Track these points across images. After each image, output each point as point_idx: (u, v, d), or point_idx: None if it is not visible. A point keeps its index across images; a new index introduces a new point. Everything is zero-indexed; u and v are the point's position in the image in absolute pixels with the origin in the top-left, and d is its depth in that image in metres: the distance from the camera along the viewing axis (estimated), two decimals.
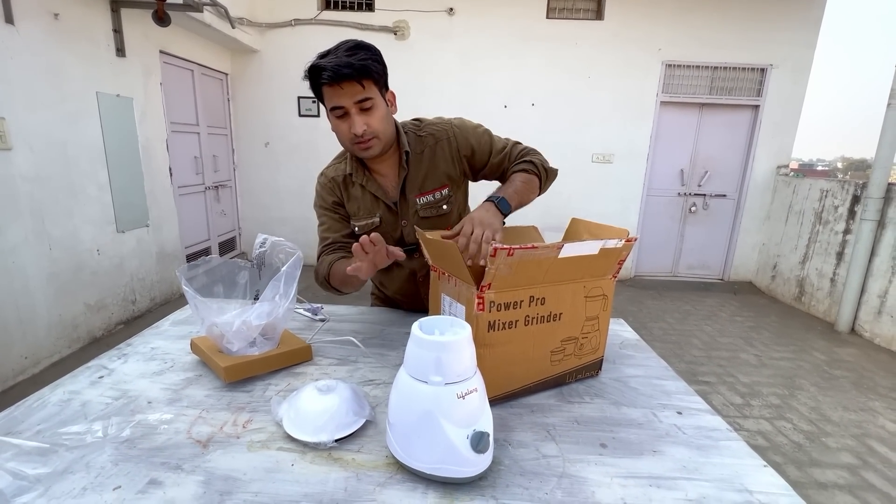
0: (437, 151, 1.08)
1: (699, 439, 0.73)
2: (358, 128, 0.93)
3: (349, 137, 0.96)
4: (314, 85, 0.94)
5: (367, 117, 0.94)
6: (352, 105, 0.92)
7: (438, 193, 1.09)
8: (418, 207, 1.08)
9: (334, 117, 0.95)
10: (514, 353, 0.78)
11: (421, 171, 1.07)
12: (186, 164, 3.90)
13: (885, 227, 3.44)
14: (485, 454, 0.59)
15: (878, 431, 2.27)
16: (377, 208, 1.09)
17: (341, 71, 0.88)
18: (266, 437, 0.69)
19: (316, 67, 0.91)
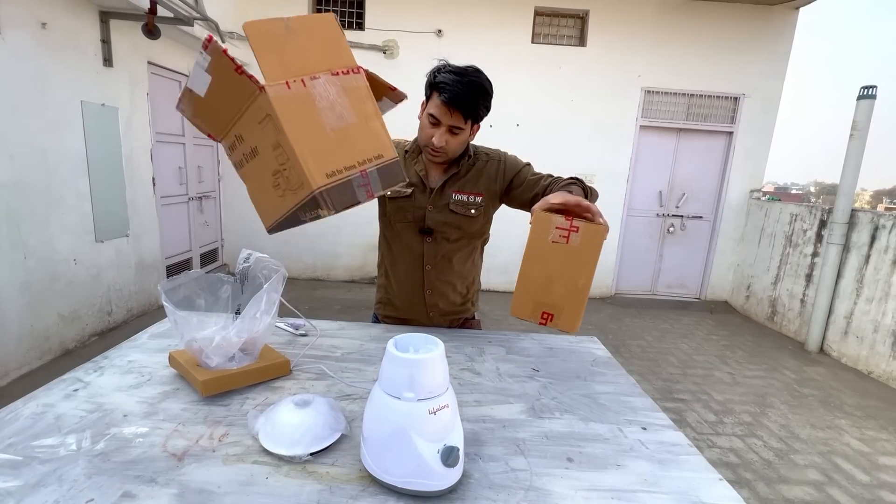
0: (487, 167, 1.23)
1: (661, 454, 0.76)
2: (439, 141, 1.09)
3: (427, 141, 1.11)
4: (430, 87, 1.08)
5: (451, 137, 1.10)
6: (446, 124, 1.08)
7: (473, 198, 1.22)
8: (450, 201, 1.20)
9: (427, 120, 1.10)
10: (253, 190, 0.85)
11: (467, 175, 1.22)
12: (170, 174, 3.88)
13: (850, 251, 3.60)
14: (455, 468, 0.62)
15: (843, 449, 2.35)
16: (414, 185, 1.21)
17: (457, 102, 1.04)
18: (242, 450, 0.70)
19: (442, 84, 1.04)
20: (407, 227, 1.23)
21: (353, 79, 0.79)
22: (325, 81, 0.75)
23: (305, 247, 4.92)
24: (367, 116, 0.78)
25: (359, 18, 4.58)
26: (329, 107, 0.74)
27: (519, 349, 1.17)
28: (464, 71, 1.07)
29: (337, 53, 0.79)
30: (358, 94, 0.78)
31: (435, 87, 1.06)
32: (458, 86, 1.03)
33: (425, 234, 1.21)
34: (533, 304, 0.87)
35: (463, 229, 1.22)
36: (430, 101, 1.09)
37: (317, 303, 4.23)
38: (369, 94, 0.80)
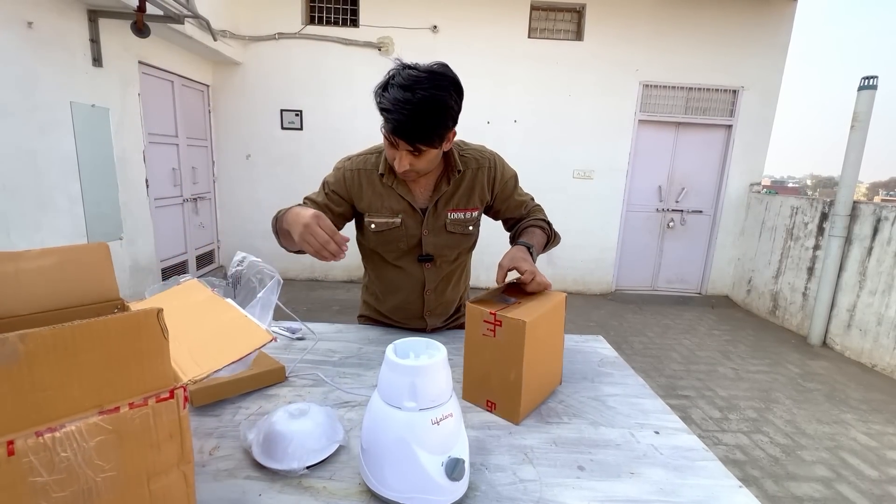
0: (478, 175, 1.12)
1: (676, 460, 0.72)
2: (401, 167, 0.95)
3: (391, 162, 0.99)
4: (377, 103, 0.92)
5: (414, 159, 0.95)
6: (404, 149, 0.93)
7: (469, 214, 1.13)
8: (447, 221, 1.11)
9: (387, 141, 0.95)
10: None
11: (459, 189, 1.11)
12: (164, 175, 3.83)
13: (852, 244, 3.57)
14: (460, 481, 0.58)
15: (850, 444, 2.32)
16: (401, 210, 1.08)
17: (403, 132, 0.89)
18: (233, 464, 0.66)
19: (385, 109, 0.88)
20: (402, 256, 1.13)
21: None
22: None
23: None
24: None
25: (353, 15, 4.52)
26: None
27: None
28: (412, 85, 0.86)
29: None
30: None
31: (380, 111, 0.90)
32: (401, 113, 0.86)
33: (425, 261, 1.12)
34: (477, 393, 0.85)
35: (461, 247, 1.16)
36: (384, 122, 0.91)
37: (315, 304, 4.18)
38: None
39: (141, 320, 0.44)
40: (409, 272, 1.15)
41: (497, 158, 1.16)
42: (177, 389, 0.46)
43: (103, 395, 0.42)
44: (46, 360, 0.38)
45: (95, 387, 0.42)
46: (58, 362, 0.39)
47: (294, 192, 4.75)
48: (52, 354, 0.39)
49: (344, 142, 4.58)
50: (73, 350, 0.40)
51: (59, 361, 0.39)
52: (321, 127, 4.63)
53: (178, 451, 0.47)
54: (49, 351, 0.38)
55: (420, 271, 1.15)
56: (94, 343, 0.41)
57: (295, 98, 4.59)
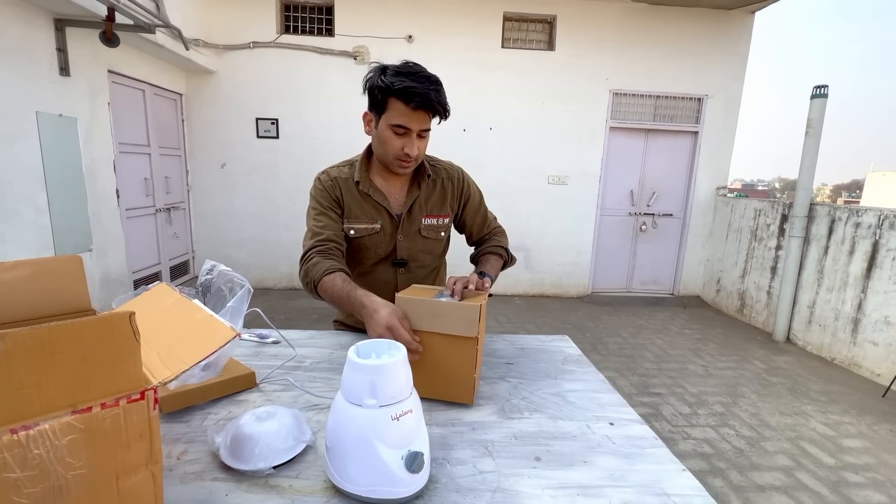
0: (447, 185, 1.20)
1: (627, 448, 0.77)
2: (414, 150, 1.03)
3: (397, 153, 1.04)
4: (385, 94, 0.98)
5: (420, 143, 1.05)
6: (417, 130, 1.02)
7: (442, 220, 1.19)
8: (422, 227, 1.17)
9: (391, 131, 1.02)
10: None
11: (431, 196, 1.18)
12: (136, 185, 3.76)
13: (810, 244, 3.76)
14: (419, 473, 0.61)
15: (810, 434, 2.44)
16: (379, 216, 1.14)
17: (433, 105, 0.98)
18: (201, 467, 0.67)
19: (407, 90, 0.96)
20: (378, 261, 1.17)
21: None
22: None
23: (281, 256, 4.84)
24: None
25: (328, 24, 4.55)
26: None
27: (491, 351, 1.17)
28: (414, 69, 0.99)
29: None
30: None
31: (397, 94, 0.97)
32: (425, 87, 0.96)
33: (399, 265, 1.17)
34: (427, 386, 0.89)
35: (434, 253, 1.22)
36: (392, 111, 0.99)
37: (293, 312, 4.15)
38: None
39: (114, 323, 0.46)
40: (381, 277, 1.18)
41: (463, 173, 1.24)
42: (147, 391, 0.49)
43: (77, 394, 0.44)
44: (24, 359, 0.40)
45: (69, 387, 0.44)
46: (34, 362, 0.41)
47: (270, 200, 4.73)
48: (29, 354, 0.41)
49: (321, 150, 4.59)
50: (50, 350, 0.42)
51: (36, 361, 0.41)
52: (298, 135, 4.63)
53: (146, 451, 0.49)
54: (27, 350, 0.40)
55: (393, 276, 1.19)
56: (69, 344, 0.43)
57: (270, 107, 4.58)
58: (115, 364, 0.46)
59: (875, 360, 3.20)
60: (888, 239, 3.18)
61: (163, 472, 0.66)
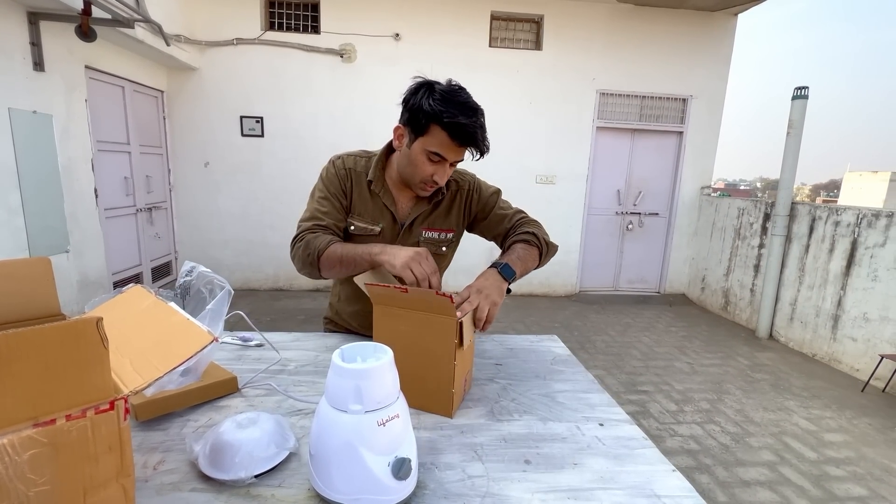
0: (457, 198, 1.15)
1: (617, 449, 0.77)
2: (444, 179, 1.01)
3: (425, 178, 1.00)
4: (430, 119, 0.93)
5: (450, 171, 1.02)
6: (452, 160, 0.99)
7: (444, 234, 1.15)
8: (421, 239, 1.12)
9: (426, 156, 0.98)
10: None
11: (437, 210, 1.13)
12: (115, 184, 3.66)
13: (792, 242, 3.83)
14: (407, 480, 0.59)
15: (792, 429, 2.48)
16: (382, 220, 1.10)
17: (478, 145, 0.95)
18: (178, 478, 0.65)
19: (459, 125, 0.92)
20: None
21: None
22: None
23: (266, 257, 4.76)
24: None
25: (314, 22, 4.49)
26: None
27: (480, 351, 1.16)
28: (463, 98, 0.93)
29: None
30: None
31: (444, 125, 0.92)
32: (472, 123, 0.92)
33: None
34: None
35: (436, 265, 1.18)
36: (431, 137, 0.95)
37: (279, 314, 4.09)
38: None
39: (79, 329, 0.44)
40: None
41: (476, 179, 1.18)
42: (117, 401, 0.46)
43: (38, 406, 0.42)
44: None
45: (30, 398, 0.41)
46: None
47: (255, 200, 4.66)
48: None
49: (307, 149, 4.53)
50: (7, 360, 0.39)
51: None
52: (283, 134, 4.56)
53: (117, 464, 0.47)
54: None
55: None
56: (29, 353, 0.40)
57: (255, 105, 4.50)
58: (82, 373, 0.44)
59: (854, 356, 3.27)
60: (866, 237, 3.25)
61: (136, 484, 0.63)
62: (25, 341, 0.40)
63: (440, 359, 0.81)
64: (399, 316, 0.82)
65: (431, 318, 0.80)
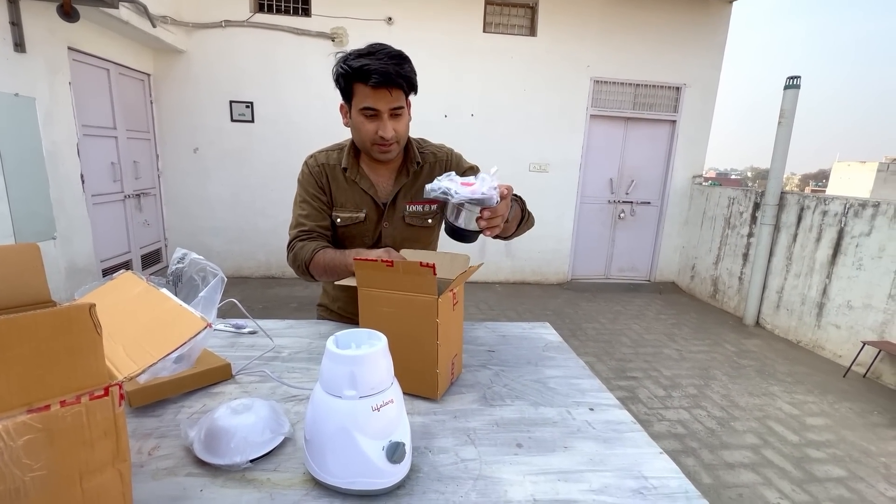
0: (435, 169, 1.14)
1: (607, 433, 0.78)
2: (388, 132, 0.99)
3: (372, 138, 1.00)
4: (349, 80, 0.96)
5: (396, 123, 1.00)
6: (387, 110, 0.97)
7: (428, 207, 1.15)
8: (406, 214, 1.13)
9: (362, 116, 0.99)
10: None
11: (417, 183, 1.13)
12: (102, 170, 3.59)
13: (780, 231, 3.89)
14: (401, 464, 0.60)
15: (776, 413, 2.55)
16: (364, 205, 1.11)
17: (393, 79, 0.94)
18: (174, 463, 0.65)
19: (364, 69, 0.92)
20: (363, 250, 1.15)
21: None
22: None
23: (258, 243, 4.73)
24: None
25: (304, 4, 4.40)
26: None
27: (472, 338, 1.17)
28: (373, 48, 0.96)
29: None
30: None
31: (357, 76, 0.95)
32: (382, 63, 0.93)
33: None
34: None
35: (421, 241, 1.18)
36: (357, 96, 0.98)
37: (271, 302, 4.08)
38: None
39: (72, 315, 0.43)
40: None
41: (455, 154, 1.20)
42: (111, 387, 0.46)
43: (32, 392, 0.42)
44: None
45: (24, 384, 0.41)
46: None
47: (246, 186, 4.60)
48: None
49: (299, 135, 4.47)
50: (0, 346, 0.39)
51: None
52: (274, 119, 4.49)
53: (112, 450, 0.47)
54: None
55: None
56: (22, 339, 0.40)
57: (245, 89, 4.42)
58: (75, 359, 0.43)
59: (837, 343, 3.35)
60: (852, 226, 3.31)
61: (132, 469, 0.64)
62: (18, 327, 0.40)
63: (423, 340, 0.82)
64: (382, 298, 0.83)
65: (413, 299, 0.80)
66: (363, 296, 0.85)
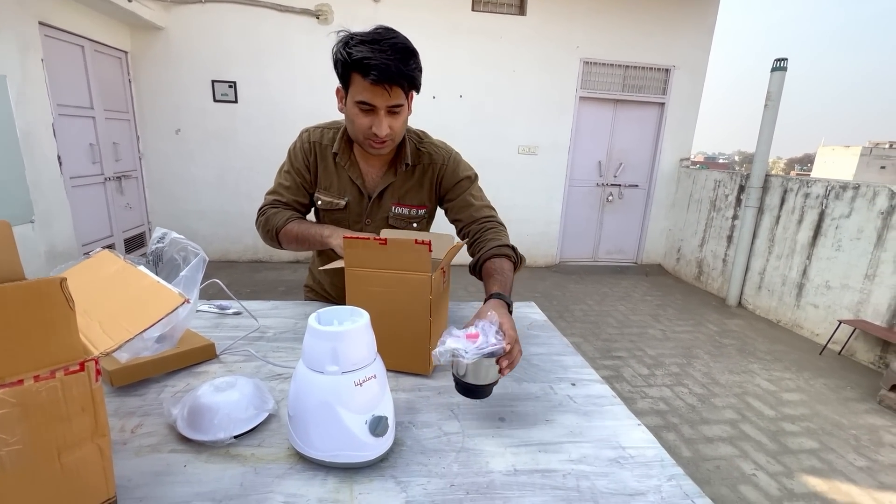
0: (428, 173, 1.09)
1: (587, 406, 0.80)
2: (383, 130, 0.92)
3: (365, 133, 0.94)
4: (347, 69, 0.88)
5: (392, 120, 0.93)
6: (384, 107, 0.90)
7: (415, 211, 1.10)
8: (391, 215, 1.09)
9: (357, 109, 0.92)
10: None
11: (407, 183, 1.08)
12: (80, 151, 3.49)
13: (764, 213, 3.95)
14: (384, 437, 0.61)
15: (755, 389, 2.63)
16: (348, 193, 1.08)
17: (394, 78, 0.86)
18: (157, 440, 0.65)
19: (363, 61, 0.84)
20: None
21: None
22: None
23: (244, 227, 4.66)
24: None
25: None
26: None
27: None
28: (379, 36, 0.86)
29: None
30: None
31: (355, 67, 0.86)
32: (385, 57, 0.84)
33: None
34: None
35: None
36: (354, 86, 0.89)
37: (259, 286, 4.05)
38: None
39: (43, 289, 0.43)
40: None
41: (453, 157, 1.10)
42: (87, 362, 0.46)
43: (4, 367, 0.41)
44: None
45: None
46: None
47: (231, 169, 4.51)
48: None
49: (284, 116, 4.38)
50: None
51: None
52: (258, 100, 4.38)
53: (91, 425, 0.47)
54: None
55: None
56: None
57: (228, 68, 4.30)
58: (48, 334, 0.43)
59: (815, 322, 3.45)
60: (833, 208, 3.37)
61: (114, 446, 0.64)
62: None
63: (416, 317, 0.82)
64: (372, 277, 0.82)
65: (405, 276, 0.80)
66: (351, 276, 0.85)
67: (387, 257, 0.80)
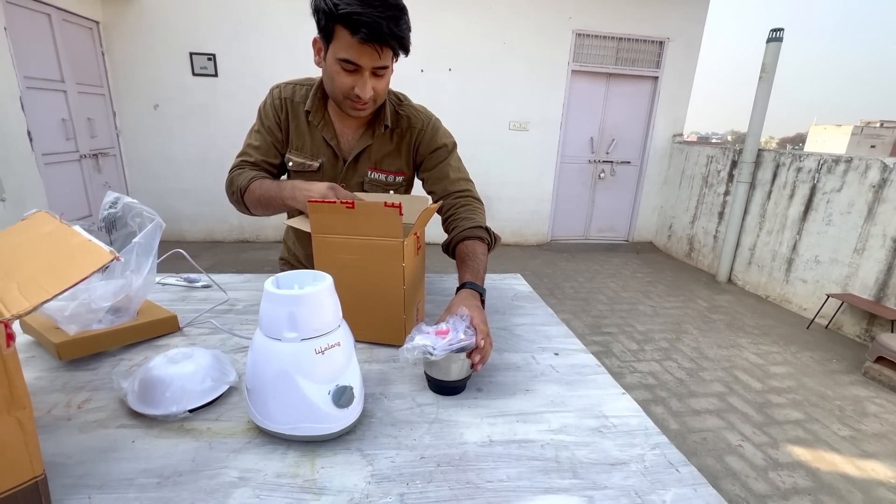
0: (406, 137, 1.03)
1: (570, 376, 0.77)
2: (367, 92, 0.86)
3: (346, 93, 0.87)
4: (331, 20, 0.78)
5: (377, 82, 0.87)
6: (369, 67, 0.83)
7: (392, 178, 1.04)
8: (366, 180, 1.03)
9: (339, 66, 0.84)
10: None
11: (384, 148, 1.02)
12: (52, 127, 3.34)
13: (755, 189, 3.92)
14: (349, 408, 0.57)
15: (742, 363, 2.65)
16: (322, 155, 1.01)
17: (385, 38, 0.79)
18: (105, 415, 0.60)
19: (353, 17, 0.76)
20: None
21: None
22: None
23: (230, 206, 4.46)
24: None
25: None
26: None
27: (439, 290, 1.13)
28: None
29: None
30: None
31: (342, 20, 0.77)
32: (376, 14, 0.76)
33: None
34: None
35: None
36: (337, 41, 0.81)
37: (245, 265, 3.98)
38: None
39: None
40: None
41: (433, 123, 1.04)
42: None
43: None
44: None
45: None
46: None
47: (213, 145, 4.37)
48: None
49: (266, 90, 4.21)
50: None
51: None
52: (238, 73, 4.22)
53: (6, 396, 0.42)
54: None
55: None
56: None
57: (206, 40, 4.12)
58: None
59: (803, 297, 3.47)
60: (825, 182, 3.35)
61: (57, 423, 0.59)
62: None
63: (388, 285, 0.77)
64: (341, 244, 0.77)
65: (376, 243, 0.75)
66: (318, 243, 0.79)
67: (355, 222, 0.75)
